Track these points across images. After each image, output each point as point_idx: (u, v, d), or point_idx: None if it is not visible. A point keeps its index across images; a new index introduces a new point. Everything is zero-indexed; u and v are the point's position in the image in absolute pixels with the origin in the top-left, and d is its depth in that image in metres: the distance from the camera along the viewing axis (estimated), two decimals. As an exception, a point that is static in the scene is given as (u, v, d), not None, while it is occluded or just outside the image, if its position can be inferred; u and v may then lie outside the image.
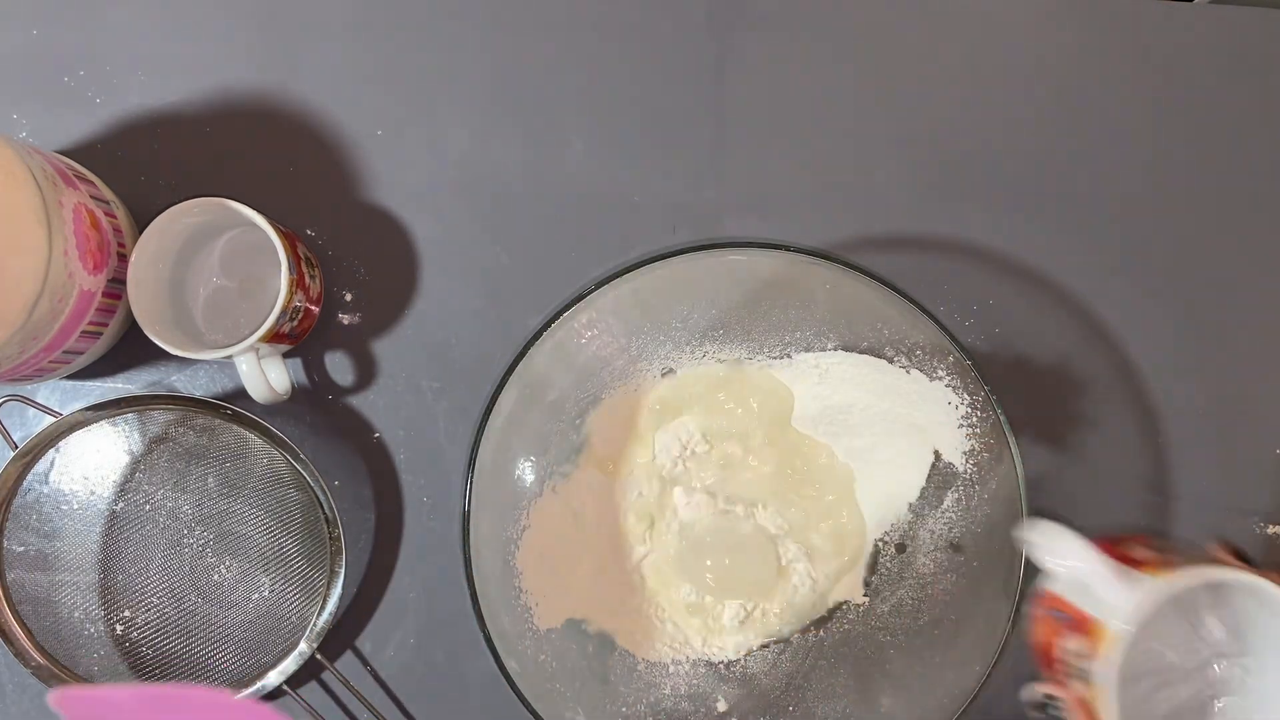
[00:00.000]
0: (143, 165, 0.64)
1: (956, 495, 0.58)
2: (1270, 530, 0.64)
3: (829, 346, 0.60)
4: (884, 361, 0.58)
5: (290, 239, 0.58)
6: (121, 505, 0.59)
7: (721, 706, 0.59)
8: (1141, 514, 0.64)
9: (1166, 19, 0.67)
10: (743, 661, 0.60)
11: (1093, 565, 0.40)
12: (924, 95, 0.66)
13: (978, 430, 0.55)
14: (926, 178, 0.66)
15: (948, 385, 0.55)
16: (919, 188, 0.66)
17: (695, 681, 0.60)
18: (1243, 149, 0.66)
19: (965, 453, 0.56)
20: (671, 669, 0.60)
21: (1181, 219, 0.66)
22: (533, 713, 0.51)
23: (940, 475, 0.58)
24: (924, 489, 0.60)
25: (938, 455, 0.58)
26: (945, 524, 0.59)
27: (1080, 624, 0.41)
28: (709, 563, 0.60)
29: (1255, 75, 0.67)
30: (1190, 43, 0.67)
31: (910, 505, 0.60)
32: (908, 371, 0.57)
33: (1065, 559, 0.41)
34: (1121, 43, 0.67)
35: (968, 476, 0.57)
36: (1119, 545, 0.44)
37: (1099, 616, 0.39)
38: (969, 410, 0.55)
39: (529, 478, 0.59)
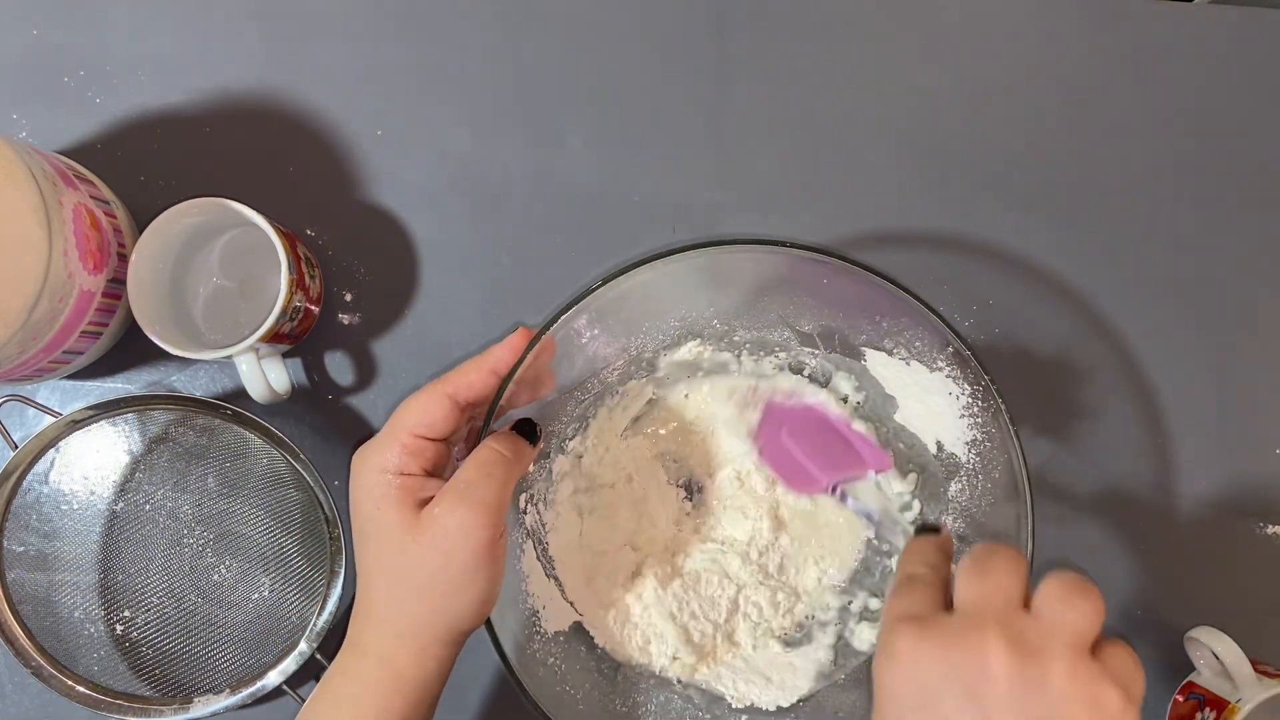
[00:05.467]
0: (143, 165, 0.64)
1: (960, 485, 0.58)
2: (1270, 530, 0.64)
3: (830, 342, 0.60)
4: (883, 354, 0.58)
5: (290, 239, 0.58)
6: (121, 505, 0.59)
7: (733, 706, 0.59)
8: (1143, 511, 0.64)
9: (1166, 19, 0.67)
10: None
11: (1241, 663, 0.58)
12: (923, 94, 0.66)
13: (979, 420, 0.55)
14: (926, 176, 0.66)
15: (948, 375, 0.55)
16: (918, 186, 0.66)
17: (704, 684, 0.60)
18: (1242, 148, 0.66)
19: (968, 443, 0.56)
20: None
21: (1181, 218, 0.66)
22: (542, 715, 0.51)
23: (944, 466, 0.58)
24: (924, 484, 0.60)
25: (940, 446, 0.58)
26: (950, 514, 0.59)
27: (1214, 703, 0.59)
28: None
29: (1255, 75, 0.67)
30: (1190, 43, 0.67)
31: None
32: (908, 363, 0.57)
33: (1224, 656, 0.58)
34: (1121, 42, 0.67)
35: (971, 467, 0.57)
36: (1256, 662, 0.60)
37: (1233, 699, 0.58)
38: (970, 400, 0.55)
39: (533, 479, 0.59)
